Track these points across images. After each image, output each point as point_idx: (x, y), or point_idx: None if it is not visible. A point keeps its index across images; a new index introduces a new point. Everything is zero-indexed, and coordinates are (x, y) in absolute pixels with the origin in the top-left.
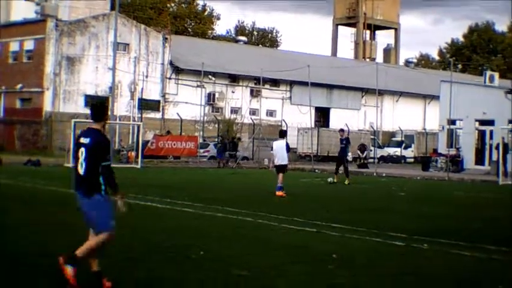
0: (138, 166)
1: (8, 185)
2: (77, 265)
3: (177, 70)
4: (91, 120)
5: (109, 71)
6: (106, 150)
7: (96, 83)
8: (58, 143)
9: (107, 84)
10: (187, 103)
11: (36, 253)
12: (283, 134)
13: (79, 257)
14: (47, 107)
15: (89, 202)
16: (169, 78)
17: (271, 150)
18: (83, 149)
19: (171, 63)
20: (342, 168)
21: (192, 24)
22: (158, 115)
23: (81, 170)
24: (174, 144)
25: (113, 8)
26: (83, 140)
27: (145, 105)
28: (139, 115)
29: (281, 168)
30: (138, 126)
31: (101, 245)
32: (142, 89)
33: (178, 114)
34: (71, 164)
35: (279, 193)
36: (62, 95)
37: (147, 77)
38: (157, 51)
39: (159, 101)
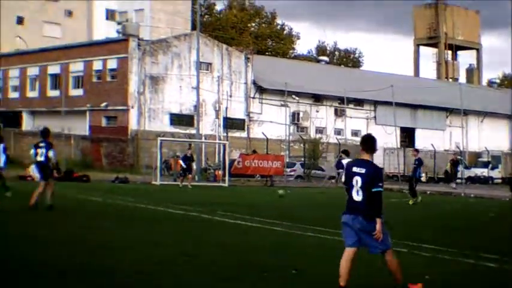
0: (226, 184)
1: (98, 202)
2: None
3: (261, 89)
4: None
5: (193, 90)
6: (379, 179)
7: (180, 101)
8: (145, 161)
9: (191, 102)
10: (272, 122)
11: (129, 270)
12: (348, 153)
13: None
14: (133, 125)
15: (369, 225)
16: (253, 98)
17: (338, 168)
18: (357, 178)
19: (254, 82)
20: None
21: (273, 44)
22: (243, 134)
23: (357, 197)
24: (261, 163)
25: (193, 27)
26: (356, 169)
27: (231, 124)
28: (225, 134)
29: None
30: (224, 145)
31: (395, 261)
32: (226, 108)
33: (263, 133)
34: (158, 182)
35: None
36: (147, 113)
37: (230, 96)
38: (240, 70)
39: (244, 120)
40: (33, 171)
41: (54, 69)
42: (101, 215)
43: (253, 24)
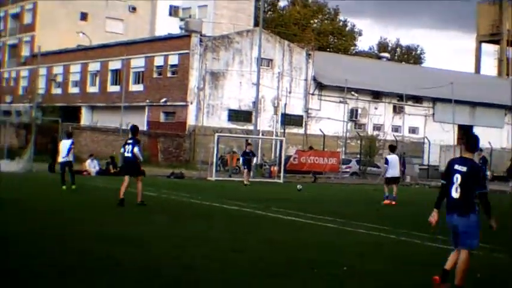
0: (281, 181)
1: (152, 197)
2: None
3: (320, 86)
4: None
5: (253, 86)
6: (480, 178)
7: (239, 97)
8: (201, 157)
9: (250, 99)
10: (329, 119)
11: (179, 266)
12: (394, 149)
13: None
14: (191, 120)
15: (465, 221)
16: (312, 94)
17: (385, 163)
18: (458, 175)
19: (314, 78)
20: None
21: (335, 40)
22: (301, 130)
23: (455, 194)
24: (317, 160)
25: (256, 24)
26: (458, 167)
27: (288, 120)
28: (282, 130)
29: (394, 180)
30: (281, 141)
31: (467, 264)
32: (285, 104)
33: (320, 129)
34: (213, 178)
35: (386, 202)
36: (205, 109)
37: (290, 92)
38: (301, 66)
39: (301, 117)
40: (89, 166)
41: (115, 64)
42: (154, 210)
43: (316, 21)
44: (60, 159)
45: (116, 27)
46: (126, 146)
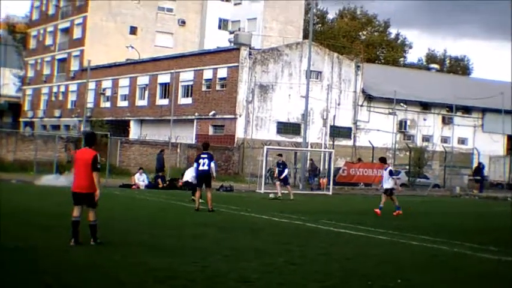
0: (330, 193)
1: (204, 210)
2: None
3: (369, 97)
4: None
5: (301, 98)
6: None
7: (288, 110)
8: (250, 169)
9: (299, 111)
10: (378, 130)
11: (235, 279)
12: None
13: None
14: (239, 133)
15: None
16: (361, 106)
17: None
18: None
19: (363, 90)
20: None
21: (384, 52)
22: (349, 142)
23: None
24: (366, 172)
25: (305, 36)
26: None
27: (337, 132)
28: (331, 142)
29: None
30: (330, 153)
31: None
32: (334, 116)
33: (370, 141)
34: (262, 190)
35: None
36: (254, 121)
37: (339, 104)
38: (350, 79)
39: (350, 128)
40: (138, 179)
41: (164, 78)
42: (206, 223)
43: (365, 33)
44: None
45: (165, 40)
46: (201, 160)
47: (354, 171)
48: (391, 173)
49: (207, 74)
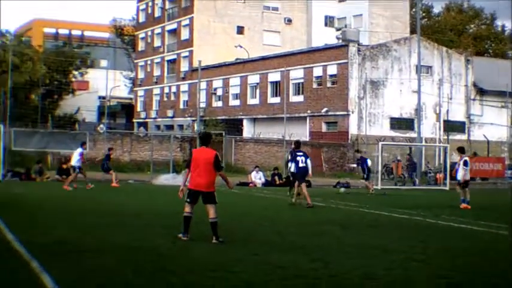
0: (447, 188)
1: (322, 207)
2: None
3: (481, 91)
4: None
5: (413, 93)
6: None
7: (400, 105)
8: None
9: (412, 106)
10: (492, 124)
11: (360, 276)
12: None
13: None
14: (353, 130)
15: None
16: (473, 100)
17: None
18: None
19: (474, 84)
20: None
21: (492, 45)
22: (463, 136)
23: None
24: (482, 166)
25: (412, 31)
26: None
27: (450, 126)
28: (445, 137)
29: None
30: (445, 148)
31: None
32: (447, 110)
33: (484, 135)
34: (379, 186)
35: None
36: (367, 117)
37: (451, 98)
38: (460, 72)
39: (463, 123)
40: (254, 177)
41: (274, 76)
42: (326, 220)
43: (472, 26)
44: None
45: (273, 39)
46: (299, 158)
47: (470, 166)
48: (465, 164)
49: (317, 71)
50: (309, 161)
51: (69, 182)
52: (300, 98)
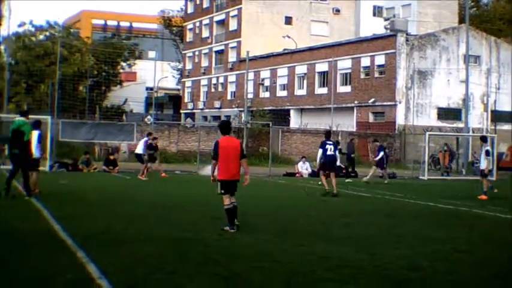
0: (493, 178)
1: (367, 197)
2: None
3: None
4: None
5: (461, 83)
6: None
7: (448, 95)
8: (412, 156)
9: (459, 96)
10: None
11: (404, 266)
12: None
13: None
14: (400, 120)
15: None
16: None
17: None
18: None
19: None
20: None
21: None
22: (510, 127)
23: None
24: None
25: (460, 21)
26: None
27: (498, 116)
28: (492, 127)
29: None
30: (492, 139)
31: None
32: (495, 101)
33: None
34: (425, 177)
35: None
36: (414, 108)
37: (498, 88)
38: (508, 62)
39: (511, 113)
40: (301, 168)
41: (321, 67)
42: (371, 211)
43: None
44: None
45: (321, 29)
46: (328, 146)
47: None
48: (487, 153)
49: (365, 61)
50: (337, 152)
51: (142, 173)
52: (347, 89)
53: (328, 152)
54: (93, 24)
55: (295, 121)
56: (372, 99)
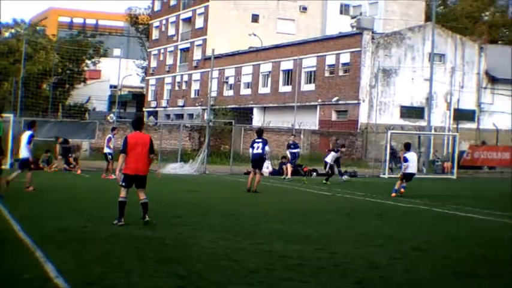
0: (454, 177)
1: (327, 196)
2: None
3: (493, 79)
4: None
5: (425, 82)
6: None
7: (411, 94)
8: (373, 154)
9: (423, 95)
10: (503, 113)
11: (364, 265)
12: (409, 147)
13: None
14: (363, 118)
15: None
16: (485, 88)
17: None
18: None
19: (486, 72)
20: None
21: (507, 32)
22: (473, 125)
23: None
24: (490, 155)
25: (427, 19)
26: None
27: (461, 115)
28: (455, 125)
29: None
30: (454, 137)
31: None
32: (458, 99)
33: (494, 124)
34: (386, 175)
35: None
36: (377, 106)
37: (462, 87)
38: (473, 60)
39: (474, 111)
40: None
41: (286, 65)
42: (330, 209)
43: (487, 13)
44: None
45: (288, 27)
46: (256, 144)
47: (478, 155)
48: (405, 160)
49: (330, 59)
50: (267, 148)
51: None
52: (311, 87)
53: (255, 151)
54: (59, 22)
55: (258, 119)
56: (335, 98)
